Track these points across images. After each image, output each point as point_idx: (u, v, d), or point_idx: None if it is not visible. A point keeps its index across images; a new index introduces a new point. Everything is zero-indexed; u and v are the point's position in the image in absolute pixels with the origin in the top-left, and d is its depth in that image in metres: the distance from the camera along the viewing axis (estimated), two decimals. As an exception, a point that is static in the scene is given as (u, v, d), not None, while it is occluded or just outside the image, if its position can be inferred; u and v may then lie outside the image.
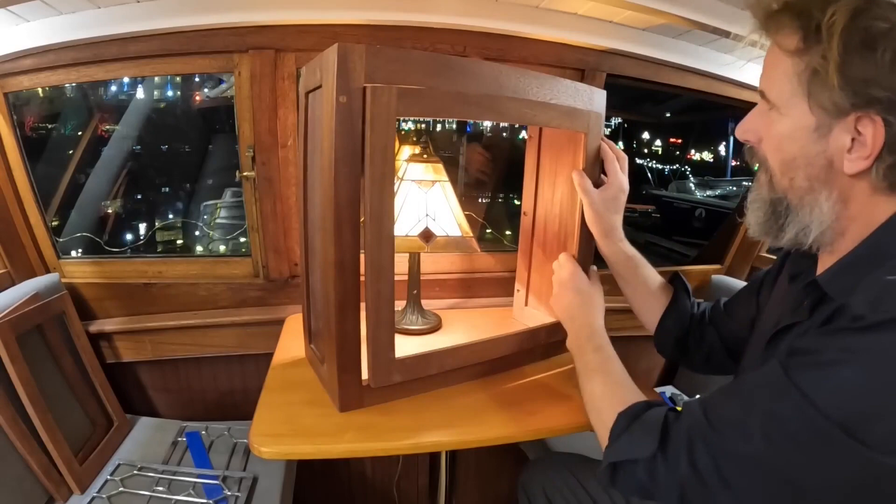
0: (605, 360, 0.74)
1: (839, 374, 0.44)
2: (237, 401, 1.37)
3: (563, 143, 1.04)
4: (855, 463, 0.43)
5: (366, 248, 0.72)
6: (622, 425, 0.61)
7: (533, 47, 1.21)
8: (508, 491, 1.57)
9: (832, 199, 0.52)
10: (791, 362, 0.48)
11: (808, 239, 0.54)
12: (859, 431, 0.42)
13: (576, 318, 0.84)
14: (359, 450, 0.78)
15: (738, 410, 0.50)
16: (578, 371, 0.77)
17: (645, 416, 0.59)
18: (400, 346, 1.07)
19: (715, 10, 1.06)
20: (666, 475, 0.53)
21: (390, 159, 0.70)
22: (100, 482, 1.02)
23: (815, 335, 0.49)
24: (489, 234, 1.61)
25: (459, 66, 0.76)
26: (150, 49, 1.09)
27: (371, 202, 0.70)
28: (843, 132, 0.49)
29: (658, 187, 4.59)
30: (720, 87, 1.41)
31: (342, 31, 1.12)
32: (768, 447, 0.46)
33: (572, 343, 0.83)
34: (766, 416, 0.47)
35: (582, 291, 0.87)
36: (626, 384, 0.70)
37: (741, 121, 0.60)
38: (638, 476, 0.56)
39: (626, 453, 0.58)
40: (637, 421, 0.59)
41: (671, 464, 0.53)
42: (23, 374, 0.94)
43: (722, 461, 0.49)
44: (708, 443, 0.51)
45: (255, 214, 1.27)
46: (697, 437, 0.52)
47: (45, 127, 1.81)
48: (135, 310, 1.29)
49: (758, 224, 0.60)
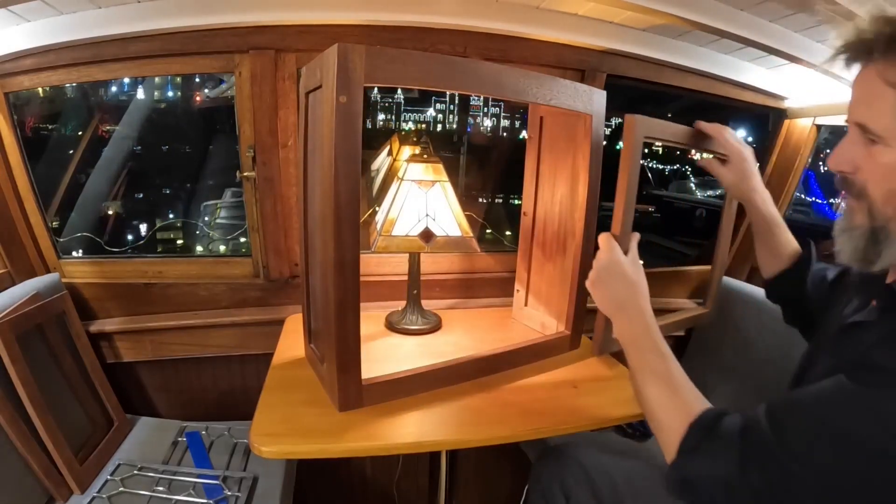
0: (664, 362, 0.70)
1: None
2: (237, 401, 1.37)
3: (563, 143, 1.04)
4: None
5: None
6: (695, 439, 0.59)
7: (533, 48, 1.21)
8: (508, 491, 1.57)
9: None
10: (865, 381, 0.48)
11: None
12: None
13: (626, 308, 0.77)
14: (359, 450, 0.78)
15: (808, 430, 0.51)
16: (634, 369, 0.73)
17: (718, 429, 0.58)
18: (400, 345, 1.08)
19: (715, 11, 1.06)
20: (742, 493, 0.53)
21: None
22: (100, 482, 1.02)
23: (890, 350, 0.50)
24: (489, 234, 1.61)
25: (459, 66, 0.77)
26: (151, 49, 1.09)
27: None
28: None
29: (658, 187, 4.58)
30: (721, 88, 1.41)
31: (342, 32, 1.12)
32: (841, 468, 0.47)
33: (625, 336, 0.76)
34: (839, 436, 0.48)
35: (628, 276, 0.79)
36: (688, 387, 0.67)
37: (834, 151, 0.60)
38: (712, 492, 0.56)
39: (704, 470, 0.57)
40: (710, 435, 0.58)
41: (748, 482, 0.53)
42: (23, 374, 0.94)
43: (795, 482, 0.50)
44: (780, 464, 0.51)
45: (255, 214, 1.27)
46: (769, 459, 0.52)
47: (46, 127, 1.81)
48: (135, 310, 1.29)
49: (855, 251, 0.59)
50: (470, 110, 2.71)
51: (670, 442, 0.61)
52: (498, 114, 2.72)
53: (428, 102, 3.00)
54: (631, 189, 0.87)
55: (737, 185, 0.90)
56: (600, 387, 0.95)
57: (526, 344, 1.02)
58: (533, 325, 1.18)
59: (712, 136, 0.91)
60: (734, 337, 1.38)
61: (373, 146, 1.82)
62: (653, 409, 0.67)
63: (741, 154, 0.90)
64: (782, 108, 1.49)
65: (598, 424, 0.87)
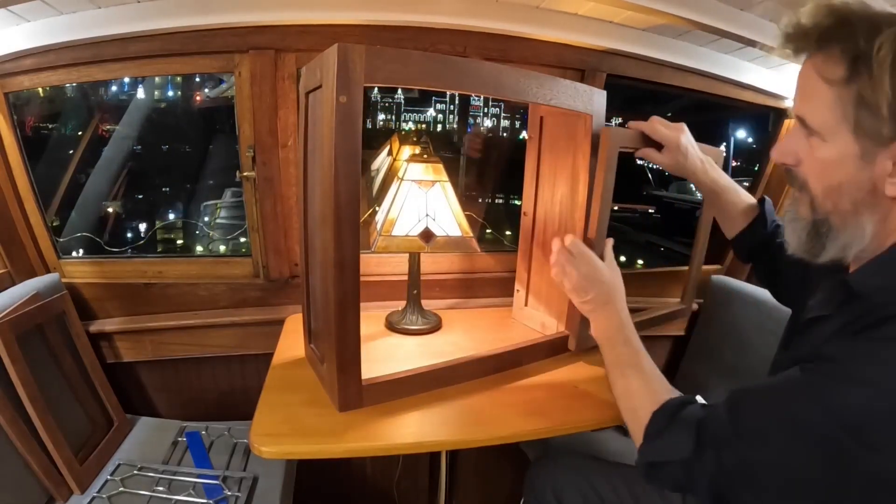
0: (634, 354, 0.76)
1: (861, 388, 0.46)
2: (237, 401, 1.37)
3: (563, 143, 1.04)
4: (874, 473, 0.45)
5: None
6: (658, 425, 0.63)
7: (533, 47, 1.21)
8: (508, 491, 1.57)
9: (874, 219, 0.53)
10: (815, 371, 0.50)
11: (849, 256, 0.56)
12: (877, 443, 0.44)
13: (601, 311, 0.83)
14: (359, 450, 0.78)
15: (761, 418, 0.53)
16: (608, 364, 0.78)
17: (680, 416, 0.61)
18: (400, 345, 1.08)
19: (715, 10, 1.06)
20: (700, 475, 0.56)
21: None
22: (100, 482, 1.02)
23: (840, 341, 0.51)
24: (489, 234, 1.61)
25: (459, 66, 0.76)
26: (151, 49, 1.09)
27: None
28: (886, 158, 0.50)
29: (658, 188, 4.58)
30: (720, 88, 1.41)
31: (342, 32, 1.12)
32: (789, 455, 0.49)
33: (600, 335, 0.83)
34: (788, 424, 0.49)
35: (605, 282, 0.85)
36: (657, 379, 0.71)
37: (778, 143, 0.61)
38: (675, 474, 0.60)
39: (664, 454, 0.61)
40: (673, 421, 0.62)
41: (704, 464, 0.56)
42: (23, 374, 0.94)
43: (747, 466, 0.52)
44: (734, 449, 0.53)
45: (255, 214, 1.27)
46: (724, 443, 0.55)
47: (46, 127, 1.81)
48: (135, 310, 1.29)
49: (799, 244, 0.60)
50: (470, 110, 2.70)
51: (638, 429, 0.66)
52: (498, 114, 2.72)
53: (428, 102, 3.00)
54: (606, 196, 0.92)
55: (676, 167, 0.92)
56: (600, 387, 0.95)
57: (526, 344, 1.02)
58: (533, 325, 1.18)
59: (646, 132, 0.92)
60: (734, 337, 1.38)
61: (373, 146, 1.82)
62: (624, 400, 0.72)
63: (673, 139, 0.91)
64: (782, 108, 1.49)
65: (598, 424, 0.87)
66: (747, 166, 2.54)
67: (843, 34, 0.50)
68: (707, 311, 1.52)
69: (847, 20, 0.50)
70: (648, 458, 0.63)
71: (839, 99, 0.51)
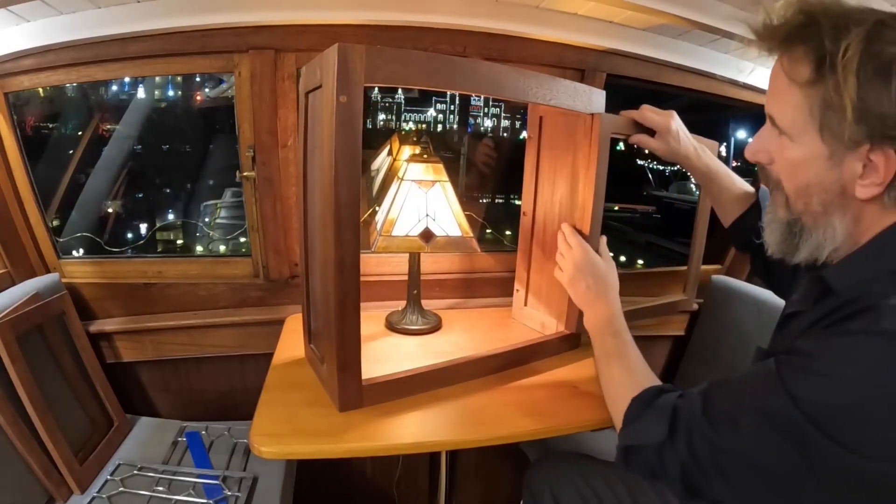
0: (622, 345, 0.78)
1: (827, 381, 0.46)
2: (237, 401, 1.37)
3: (562, 143, 1.04)
4: (839, 465, 0.45)
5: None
6: (636, 411, 0.65)
7: (533, 47, 1.21)
8: (508, 491, 1.57)
9: (846, 220, 0.54)
10: (785, 363, 0.50)
11: (823, 255, 0.56)
12: (840, 435, 0.44)
13: (593, 304, 0.87)
14: (359, 450, 0.78)
15: (731, 406, 0.53)
16: (596, 355, 0.80)
17: (657, 402, 0.63)
18: (400, 345, 1.08)
19: (715, 10, 1.06)
20: (671, 460, 0.58)
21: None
22: (100, 482, 1.02)
23: (812, 336, 0.52)
24: (489, 234, 1.61)
25: (459, 66, 0.76)
26: (151, 49, 1.09)
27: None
28: (855, 160, 0.50)
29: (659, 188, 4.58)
30: (720, 88, 1.41)
31: (342, 31, 1.12)
32: (757, 444, 0.49)
33: (591, 327, 0.86)
34: (757, 413, 0.50)
35: (598, 275, 0.89)
36: (640, 369, 0.73)
37: (751, 141, 0.60)
38: (649, 459, 0.61)
39: (639, 438, 0.62)
40: (649, 407, 0.63)
41: (676, 450, 0.57)
42: (23, 374, 0.94)
43: (717, 453, 0.53)
44: (704, 435, 0.54)
45: (255, 214, 1.27)
46: (695, 429, 0.55)
47: (46, 127, 1.81)
48: (135, 310, 1.29)
49: (775, 243, 0.62)
50: (470, 110, 2.70)
51: (618, 416, 0.68)
52: (498, 114, 2.72)
53: (428, 102, 3.00)
54: (599, 184, 0.95)
55: (669, 152, 0.94)
56: (600, 387, 0.95)
57: (526, 344, 1.02)
58: (533, 324, 1.18)
59: (637, 119, 0.95)
60: (734, 337, 1.38)
61: (373, 146, 1.82)
62: (609, 387, 0.75)
63: (664, 125, 0.93)
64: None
65: (598, 424, 0.87)
66: (748, 166, 2.54)
67: (809, 34, 0.49)
68: (707, 311, 1.52)
69: (815, 19, 0.49)
70: (625, 442, 0.65)
71: (806, 100, 0.51)
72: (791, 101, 0.52)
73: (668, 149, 0.94)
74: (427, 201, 1.06)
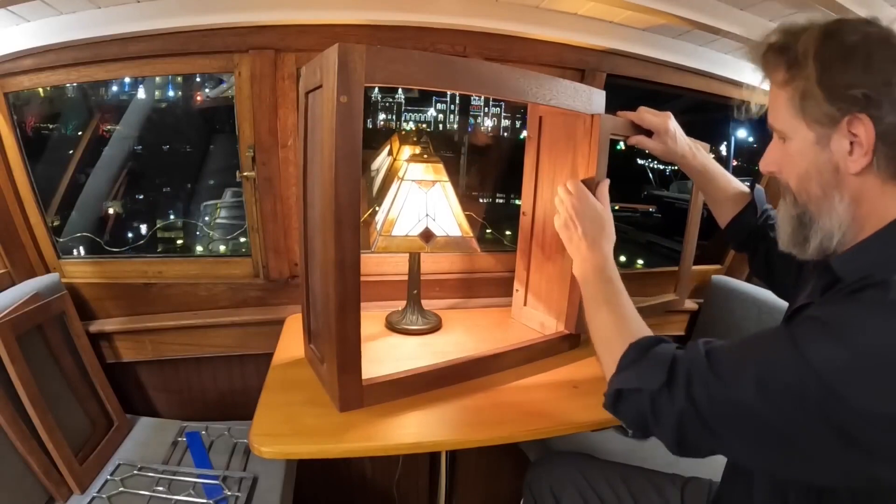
0: (615, 293, 0.76)
1: (835, 341, 0.47)
2: (237, 401, 1.37)
3: (562, 143, 1.04)
4: (837, 421, 0.46)
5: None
6: (632, 356, 0.64)
7: (533, 47, 1.21)
8: (508, 491, 1.57)
9: (845, 201, 0.57)
10: (797, 323, 0.52)
11: (832, 244, 0.58)
12: (843, 388, 0.45)
13: (586, 249, 0.84)
14: (359, 450, 0.78)
15: (737, 358, 0.55)
16: (585, 300, 0.79)
17: (655, 349, 0.63)
18: (400, 345, 1.08)
19: (715, 11, 1.06)
20: (667, 408, 0.57)
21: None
22: (100, 482, 1.02)
23: (823, 304, 0.54)
24: (489, 234, 1.61)
25: (459, 66, 0.76)
26: (151, 49, 1.09)
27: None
28: (841, 138, 0.55)
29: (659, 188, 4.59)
30: (720, 87, 1.41)
31: (342, 31, 1.12)
32: (759, 395, 0.50)
33: (583, 273, 0.83)
34: (762, 365, 0.51)
35: (595, 220, 0.87)
36: (635, 318, 0.72)
37: (763, 156, 0.66)
38: (640, 405, 0.60)
39: (634, 382, 0.61)
40: (648, 353, 0.63)
41: (673, 398, 0.56)
42: (23, 374, 0.94)
43: (717, 402, 0.53)
44: (706, 383, 0.54)
45: (255, 214, 1.27)
46: (696, 376, 0.55)
47: (46, 127, 1.81)
48: (135, 310, 1.29)
49: (786, 237, 0.64)
50: (471, 110, 2.71)
51: (611, 360, 0.67)
52: (499, 114, 2.72)
53: (428, 102, 3.01)
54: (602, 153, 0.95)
55: (666, 151, 0.96)
56: (600, 387, 0.94)
57: (526, 344, 1.02)
58: (532, 324, 1.18)
59: (635, 120, 0.97)
60: (734, 337, 1.38)
61: (373, 146, 1.82)
62: (600, 333, 0.73)
63: (661, 125, 0.95)
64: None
65: (598, 425, 0.88)
66: (748, 166, 2.54)
67: (782, 47, 0.59)
68: (707, 311, 1.52)
69: (787, 36, 0.58)
70: (617, 385, 0.64)
71: (789, 98, 0.58)
72: (780, 103, 0.60)
73: (666, 149, 0.96)
74: (427, 201, 1.06)
